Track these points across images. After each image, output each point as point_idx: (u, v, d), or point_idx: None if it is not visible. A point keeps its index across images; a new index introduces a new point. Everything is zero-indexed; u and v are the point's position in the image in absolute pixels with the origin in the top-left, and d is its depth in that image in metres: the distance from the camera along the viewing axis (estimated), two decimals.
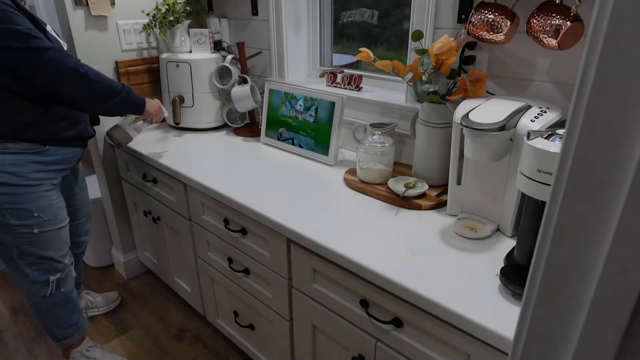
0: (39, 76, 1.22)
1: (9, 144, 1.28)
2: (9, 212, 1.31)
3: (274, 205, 1.21)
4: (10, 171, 1.28)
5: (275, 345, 1.41)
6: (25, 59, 1.19)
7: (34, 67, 1.21)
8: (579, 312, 0.40)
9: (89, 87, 1.29)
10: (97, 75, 1.31)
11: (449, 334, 0.85)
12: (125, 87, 1.40)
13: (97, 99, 1.33)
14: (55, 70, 1.22)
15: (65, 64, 1.24)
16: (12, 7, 1.19)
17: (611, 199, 0.35)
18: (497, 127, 0.93)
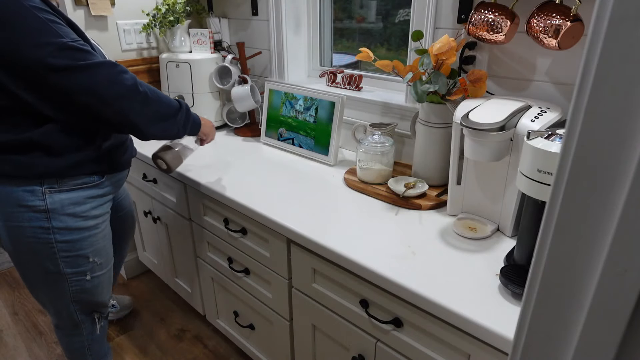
0: (92, 100, 0.98)
1: (67, 179, 1.08)
2: (64, 260, 1.13)
3: (274, 205, 1.21)
4: (69, 212, 1.09)
5: (275, 345, 1.41)
6: (76, 81, 0.95)
7: (86, 91, 0.96)
8: (579, 312, 0.40)
9: (147, 108, 1.05)
10: (155, 93, 1.09)
11: (449, 334, 0.85)
12: (182, 105, 1.18)
13: (154, 121, 1.08)
14: (110, 91, 0.98)
15: (122, 82, 1.00)
16: (51, 13, 0.96)
17: (611, 199, 0.35)
18: (497, 127, 0.93)
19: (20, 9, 0.90)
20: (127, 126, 1.05)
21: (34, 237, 1.08)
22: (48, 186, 1.06)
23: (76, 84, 0.95)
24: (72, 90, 0.96)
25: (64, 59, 0.93)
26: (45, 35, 0.91)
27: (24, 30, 0.90)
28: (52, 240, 1.09)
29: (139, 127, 1.05)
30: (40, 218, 1.06)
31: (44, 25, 0.92)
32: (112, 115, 1.01)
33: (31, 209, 1.05)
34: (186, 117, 1.17)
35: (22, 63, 0.91)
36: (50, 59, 0.92)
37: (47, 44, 0.91)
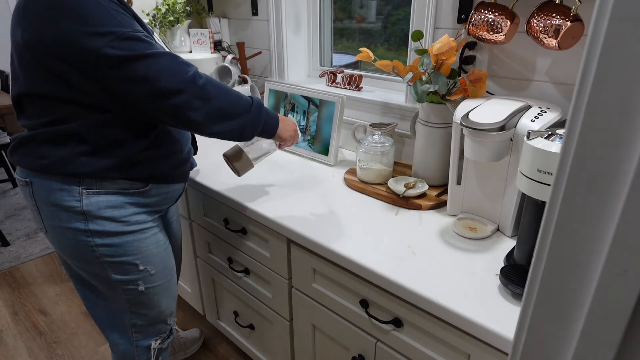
0: (146, 91, 0.89)
1: (106, 182, 1.00)
2: (109, 265, 1.05)
3: (274, 205, 1.21)
4: (107, 216, 1.01)
5: (275, 345, 1.41)
6: (132, 70, 0.87)
7: (140, 80, 0.88)
8: (579, 312, 0.40)
9: (207, 104, 0.94)
10: (219, 88, 0.97)
11: (449, 334, 0.85)
12: (255, 102, 1.03)
13: (216, 119, 0.96)
14: (167, 83, 0.89)
15: (181, 73, 0.91)
16: (114, 2, 0.91)
17: (611, 199, 0.35)
18: (497, 127, 0.93)
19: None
20: (184, 123, 0.95)
21: (75, 239, 1.01)
22: (86, 187, 0.98)
23: (132, 73, 0.87)
24: (126, 80, 0.88)
25: (122, 50, 0.86)
26: (106, 24, 0.86)
27: (84, 18, 0.85)
28: (92, 244, 1.02)
29: (197, 124, 0.95)
30: (78, 219, 0.99)
31: (106, 13, 0.87)
32: (168, 109, 0.92)
33: (68, 209, 0.98)
34: (257, 117, 1.03)
35: (79, 51, 0.85)
36: (108, 49, 0.85)
37: (108, 33, 0.85)
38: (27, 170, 0.99)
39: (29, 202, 1.02)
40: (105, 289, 1.11)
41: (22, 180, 1.00)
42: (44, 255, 2.45)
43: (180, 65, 0.92)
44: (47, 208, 0.99)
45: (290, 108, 1.63)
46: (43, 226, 1.03)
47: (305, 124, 1.58)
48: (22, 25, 0.88)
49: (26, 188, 1.00)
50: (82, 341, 1.85)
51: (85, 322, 1.95)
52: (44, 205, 0.99)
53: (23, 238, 2.64)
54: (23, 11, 0.88)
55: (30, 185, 0.99)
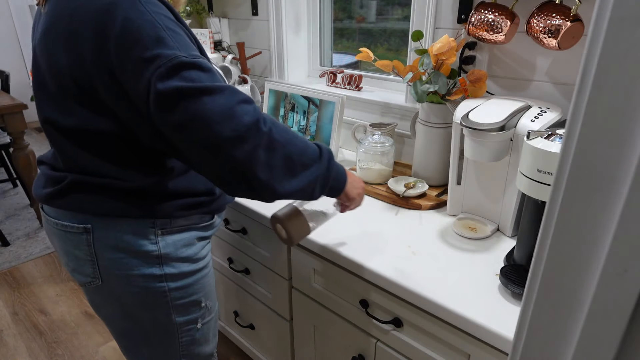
0: (193, 138, 0.68)
1: (180, 219, 0.88)
2: (176, 308, 0.92)
3: (274, 206, 1.20)
4: (183, 256, 0.89)
5: (275, 345, 1.41)
6: (181, 108, 0.67)
7: (187, 123, 0.67)
8: (579, 312, 0.40)
9: (274, 154, 0.72)
10: (286, 133, 0.74)
11: (449, 334, 0.85)
12: (323, 151, 0.80)
13: (284, 172, 0.74)
14: (220, 127, 0.67)
15: (240, 114, 0.68)
16: (174, 21, 0.72)
17: (611, 199, 0.35)
18: (497, 127, 0.93)
19: (135, 11, 0.68)
20: (244, 181, 0.72)
21: (145, 287, 0.87)
22: (161, 227, 0.86)
23: (179, 115, 0.67)
24: (172, 123, 0.68)
25: (173, 80, 0.66)
26: (157, 45, 0.67)
27: (134, 40, 0.67)
28: (165, 289, 0.89)
29: (262, 183, 0.72)
30: (152, 264, 0.86)
31: (159, 32, 0.68)
32: (223, 163, 0.70)
33: (141, 255, 0.85)
34: (328, 169, 0.80)
35: (133, 81, 0.69)
36: (157, 82, 0.66)
37: (157, 57, 0.67)
38: (86, 215, 0.82)
39: (82, 251, 0.85)
40: (160, 334, 0.95)
41: (78, 227, 0.83)
42: (44, 255, 2.45)
43: (241, 105, 0.69)
44: (111, 256, 0.84)
45: (290, 108, 1.63)
46: (97, 277, 0.87)
47: (305, 124, 1.58)
48: (67, 52, 0.72)
49: (82, 236, 0.83)
50: (82, 341, 1.85)
51: (85, 322, 1.95)
52: (106, 253, 0.84)
53: (23, 238, 2.64)
54: (68, 35, 0.71)
55: (90, 232, 0.83)
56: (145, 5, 0.69)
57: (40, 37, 0.77)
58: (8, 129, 2.47)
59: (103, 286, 0.88)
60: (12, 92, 4.52)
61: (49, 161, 0.88)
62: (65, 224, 0.84)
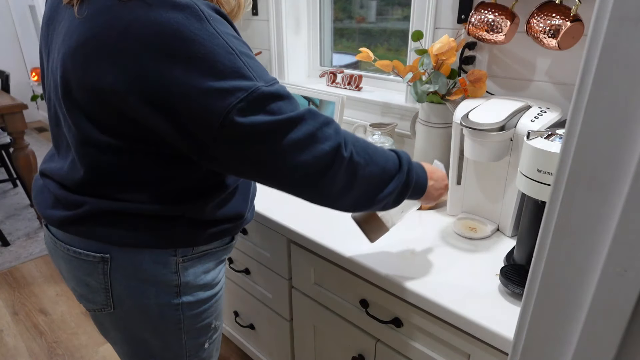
0: (272, 172, 0.68)
1: (203, 246, 0.83)
2: (188, 333, 0.88)
3: (274, 205, 1.21)
4: (202, 284, 0.85)
5: (275, 345, 1.41)
6: (273, 147, 0.64)
7: (270, 157, 0.65)
8: (579, 312, 0.40)
9: (355, 179, 0.71)
10: (366, 152, 0.72)
11: (449, 334, 0.85)
12: (402, 161, 0.77)
13: (363, 194, 0.73)
14: (302, 158, 0.65)
15: (323, 140, 0.66)
16: (241, 41, 0.65)
17: (611, 199, 0.35)
18: (497, 127, 0.93)
19: (205, 33, 0.60)
20: (319, 201, 0.74)
21: (159, 314, 0.83)
22: (182, 255, 0.81)
23: (261, 149, 0.64)
24: (246, 158, 0.65)
25: (257, 115, 0.61)
26: (234, 76, 0.61)
27: (206, 68, 0.60)
28: (179, 317, 0.85)
29: (339, 205, 0.74)
30: (170, 293, 0.81)
31: (234, 60, 0.61)
32: (302, 191, 0.72)
33: (160, 284, 0.80)
34: (407, 180, 0.78)
35: (195, 112, 0.62)
36: (235, 115, 0.60)
37: (236, 89, 0.60)
38: (105, 245, 0.77)
39: (95, 279, 0.79)
40: (168, 357, 0.91)
41: (95, 256, 0.77)
42: (44, 255, 2.45)
43: (323, 130, 0.66)
44: (127, 284, 0.79)
45: None
46: (110, 305, 0.82)
47: None
48: (109, 68, 0.63)
49: (98, 265, 0.77)
50: (82, 341, 1.85)
51: (86, 322, 1.95)
52: (123, 282, 0.79)
53: (23, 238, 2.64)
54: (119, 52, 0.62)
55: (108, 262, 0.77)
56: (213, 24, 0.61)
57: (75, 48, 0.65)
58: (8, 129, 2.47)
59: (114, 313, 0.83)
60: (12, 92, 4.52)
61: (58, 178, 0.78)
62: (80, 252, 0.77)
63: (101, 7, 0.63)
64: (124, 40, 0.61)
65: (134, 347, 0.89)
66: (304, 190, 0.71)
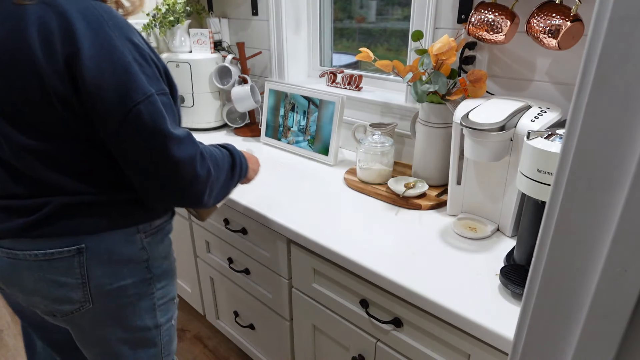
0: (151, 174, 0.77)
1: (157, 220, 0.90)
2: (160, 309, 0.94)
3: (274, 205, 1.21)
4: (163, 255, 0.92)
5: (275, 345, 1.41)
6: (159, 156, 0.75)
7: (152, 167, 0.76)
8: (579, 312, 0.40)
9: (215, 185, 0.87)
10: (214, 162, 0.86)
11: (449, 334, 0.85)
12: (235, 156, 0.95)
13: (221, 193, 0.91)
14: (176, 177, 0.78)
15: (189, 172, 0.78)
16: (155, 54, 0.78)
17: (611, 199, 0.35)
18: (497, 127, 0.93)
19: (117, 41, 0.71)
20: (188, 204, 0.86)
21: (137, 295, 0.88)
22: (143, 231, 0.87)
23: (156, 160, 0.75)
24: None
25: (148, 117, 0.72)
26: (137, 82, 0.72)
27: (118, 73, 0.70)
28: (153, 291, 0.90)
29: (204, 204, 0.87)
30: (142, 269, 0.87)
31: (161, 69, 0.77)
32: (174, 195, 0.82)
33: (132, 261, 0.86)
34: (240, 172, 0.96)
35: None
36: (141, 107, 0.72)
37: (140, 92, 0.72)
38: (78, 237, 0.80)
39: (71, 276, 0.81)
40: (148, 342, 0.95)
41: (69, 250, 0.79)
42: None
43: (194, 161, 0.79)
44: (103, 271, 0.83)
45: (290, 108, 1.63)
46: (88, 300, 0.84)
47: (305, 124, 1.58)
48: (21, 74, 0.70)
49: (73, 259, 0.80)
50: None
51: None
52: (99, 270, 0.82)
53: None
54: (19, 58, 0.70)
55: (83, 253, 0.80)
56: (113, 29, 0.71)
57: None
58: None
59: (93, 308, 0.85)
60: None
61: (0, 192, 0.80)
62: (52, 252, 0.79)
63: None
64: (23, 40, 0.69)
65: (115, 344, 0.92)
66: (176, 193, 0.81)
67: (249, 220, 1.27)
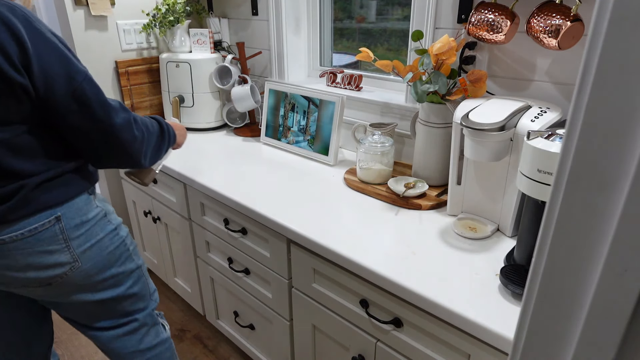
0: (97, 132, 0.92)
1: (95, 183, 1.05)
2: (134, 253, 1.11)
3: (274, 205, 1.21)
4: (112, 210, 1.08)
5: (275, 345, 1.41)
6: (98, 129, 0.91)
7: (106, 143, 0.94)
8: (579, 312, 0.40)
9: (147, 144, 1.03)
10: (145, 124, 1.02)
11: (449, 334, 0.85)
12: (162, 123, 1.11)
13: (154, 153, 1.08)
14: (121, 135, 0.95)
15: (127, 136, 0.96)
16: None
17: (611, 199, 0.35)
18: (497, 127, 0.93)
19: (49, 35, 0.85)
20: (126, 162, 1.01)
21: (111, 243, 1.03)
22: (91, 193, 1.02)
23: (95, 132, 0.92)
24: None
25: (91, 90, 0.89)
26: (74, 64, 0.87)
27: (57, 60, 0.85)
28: (122, 237, 1.06)
29: (140, 163, 1.03)
30: (105, 222, 1.02)
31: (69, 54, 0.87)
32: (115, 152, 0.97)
33: (97, 219, 1.00)
34: (169, 137, 1.13)
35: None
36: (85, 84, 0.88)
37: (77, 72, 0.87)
38: (52, 209, 0.92)
39: (56, 242, 0.94)
40: (137, 281, 1.12)
41: (50, 221, 0.92)
42: None
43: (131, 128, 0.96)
44: (80, 233, 0.96)
45: (290, 108, 1.63)
46: (76, 259, 0.97)
47: (305, 124, 1.58)
48: None
49: (54, 227, 0.93)
50: (82, 341, 1.85)
51: None
52: (76, 232, 0.96)
53: None
54: None
55: (60, 220, 0.93)
56: (38, 24, 0.83)
57: None
58: None
59: (82, 268, 0.98)
60: None
61: None
62: (35, 227, 0.90)
63: None
64: None
65: (109, 292, 1.06)
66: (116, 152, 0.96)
67: (249, 220, 1.27)
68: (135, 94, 1.94)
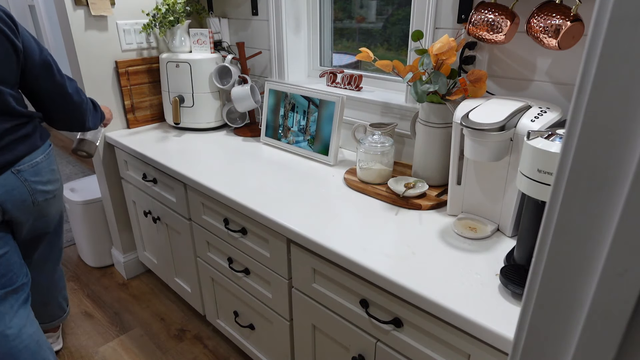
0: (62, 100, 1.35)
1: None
2: (62, 198, 1.48)
3: (274, 205, 1.21)
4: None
5: (275, 345, 1.41)
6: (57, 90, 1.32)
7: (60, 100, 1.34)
8: (579, 312, 0.40)
9: (94, 110, 1.48)
10: (86, 96, 1.43)
11: (449, 334, 0.85)
12: (95, 104, 1.50)
13: (93, 122, 1.48)
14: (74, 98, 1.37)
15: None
16: None
17: (611, 199, 0.35)
18: (497, 127, 0.93)
19: None
20: (76, 120, 1.43)
21: (61, 192, 1.46)
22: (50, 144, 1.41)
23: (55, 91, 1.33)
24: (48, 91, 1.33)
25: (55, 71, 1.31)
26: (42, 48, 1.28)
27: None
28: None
29: (86, 126, 1.46)
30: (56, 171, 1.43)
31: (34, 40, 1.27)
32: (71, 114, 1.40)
33: (58, 158, 1.45)
34: (100, 110, 1.52)
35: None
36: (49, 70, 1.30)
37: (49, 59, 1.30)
38: (44, 146, 1.34)
39: (54, 164, 1.40)
40: (61, 227, 1.58)
41: (48, 145, 1.37)
42: None
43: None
44: (53, 179, 1.38)
45: (290, 108, 1.63)
46: (60, 178, 1.44)
47: (305, 124, 1.58)
48: None
49: (49, 148, 1.38)
50: (82, 341, 1.85)
51: (85, 322, 1.95)
52: (49, 181, 1.36)
53: None
54: None
55: (50, 144, 1.40)
56: (15, 20, 1.21)
57: None
58: None
59: (60, 187, 1.44)
60: None
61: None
62: (47, 152, 1.36)
63: None
64: None
65: (59, 219, 1.53)
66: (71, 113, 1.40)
67: (249, 220, 1.27)
68: (135, 94, 1.94)
